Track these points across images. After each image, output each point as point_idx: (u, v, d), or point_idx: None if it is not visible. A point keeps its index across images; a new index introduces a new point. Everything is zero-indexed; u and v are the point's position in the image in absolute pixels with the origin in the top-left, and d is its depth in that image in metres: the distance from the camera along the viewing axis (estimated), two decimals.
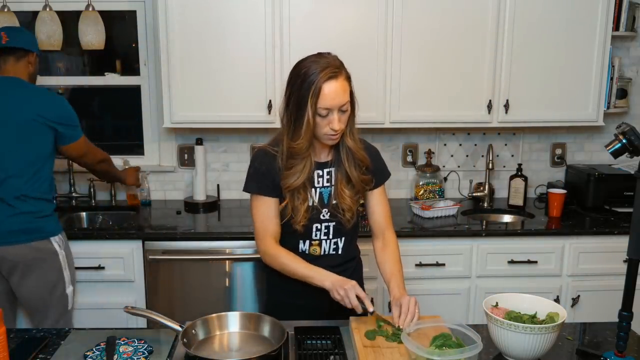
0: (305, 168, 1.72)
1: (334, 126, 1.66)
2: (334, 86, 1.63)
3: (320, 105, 1.63)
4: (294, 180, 1.71)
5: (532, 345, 1.46)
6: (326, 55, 1.71)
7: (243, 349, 1.57)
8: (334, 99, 1.64)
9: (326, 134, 1.69)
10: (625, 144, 1.48)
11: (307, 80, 1.63)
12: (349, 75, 1.72)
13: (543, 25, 2.89)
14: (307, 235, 1.79)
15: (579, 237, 2.79)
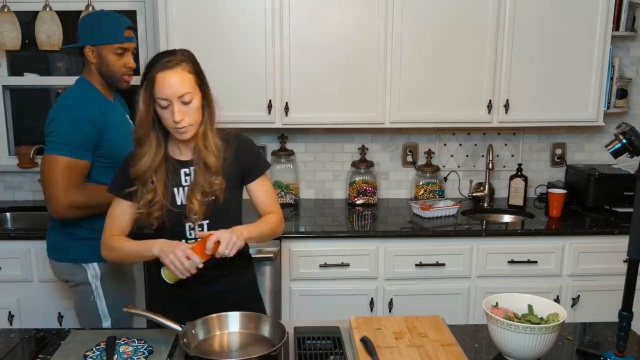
0: (150, 154, 1.70)
1: (175, 117, 1.64)
2: (168, 76, 1.63)
3: (157, 95, 1.64)
4: (137, 167, 1.71)
5: (532, 345, 1.47)
6: (177, 49, 1.72)
7: (243, 349, 1.57)
8: (170, 89, 1.63)
9: (171, 127, 1.68)
10: (625, 144, 1.48)
11: (146, 71, 1.67)
12: (197, 70, 1.70)
13: (543, 25, 2.89)
14: (180, 234, 1.76)
15: (579, 237, 2.79)
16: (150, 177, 1.72)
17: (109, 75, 2.18)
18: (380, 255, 2.74)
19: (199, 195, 1.72)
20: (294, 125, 2.96)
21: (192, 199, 1.72)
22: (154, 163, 1.71)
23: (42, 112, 3.46)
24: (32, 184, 3.26)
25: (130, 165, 1.74)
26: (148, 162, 1.70)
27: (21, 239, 2.69)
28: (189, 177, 1.76)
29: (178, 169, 1.76)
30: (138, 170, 1.71)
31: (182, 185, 1.76)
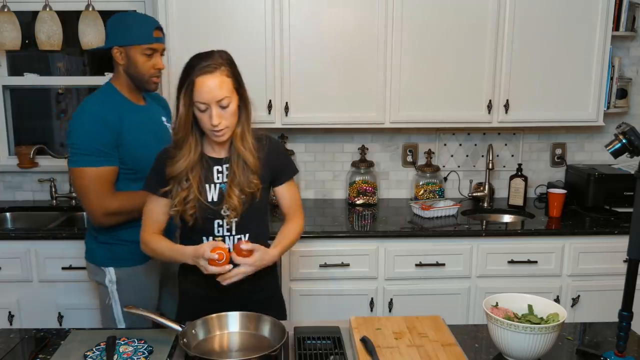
0: (188, 157, 1.73)
1: (213, 121, 1.67)
2: (207, 80, 1.65)
3: (196, 99, 1.66)
4: (174, 168, 1.74)
5: (532, 345, 1.47)
6: (215, 51, 1.74)
7: (243, 349, 1.57)
8: (208, 93, 1.65)
9: (208, 130, 1.71)
10: (625, 144, 1.48)
11: (185, 75, 1.69)
12: (235, 73, 1.73)
13: (543, 25, 2.89)
14: (209, 231, 1.79)
15: (579, 237, 2.79)
16: (186, 175, 1.75)
17: (137, 76, 2.13)
18: (380, 255, 2.74)
19: (237, 191, 1.75)
20: (294, 125, 2.96)
21: (232, 194, 1.75)
22: (190, 163, 1.74)
23: (42, 112, 3.49)
24: (32, 184, 3.27)
25: (167, 165, 1.76)
26: (185, 163, 1.73)
27: (21, 239, 2.69)
28: (221, 174, 1.79)
29: (211, 165, 1.79)
30: (174, 172, 1.74)
31: (215, 182, 1.78)
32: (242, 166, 1.76)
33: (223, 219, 1.79)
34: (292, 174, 1.93)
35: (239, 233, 1.81)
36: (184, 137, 1.73)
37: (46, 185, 3.24)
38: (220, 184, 1.78)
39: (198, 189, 1.75)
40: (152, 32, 2.12)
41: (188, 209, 1.74)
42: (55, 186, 3.21)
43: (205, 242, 1.75)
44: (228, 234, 1.81)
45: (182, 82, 1.69)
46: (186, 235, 1.85)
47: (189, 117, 1.70)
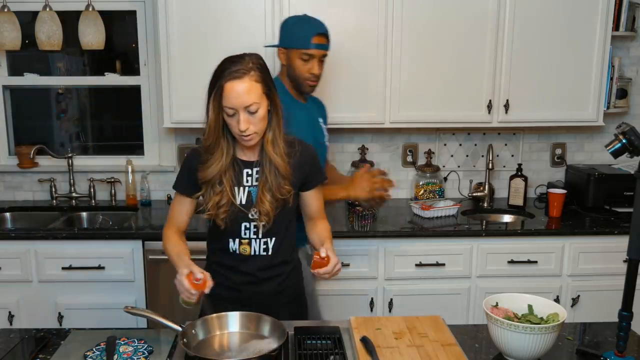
0: (220, 162, 1.73)
1: (240, 126, 1.66)
2: (236, 86, 1.64)
3: (225, 104, 1.66)
4: (206, 173, 1.74)
5: (532, 345, 1.47)
6: (246, 55, 1.71)
7: (243, 349, 1.57)
8: (237, 99, 1.64)
9: (237, 134, 1.70)
10: (625, 144, 1.48)
11: (215, 79, 1.68)
12: (266, 78, 1.70)
13: (543, 25, 2.89)
14: (235, 233, 1.80)
15: (579, 237, 2.79)
16: (219, 179, 1.75)
17: (294, 78, 2.22)
18: (380, 255, 2.74)
19: (269, 196, 1.74)
20: None
21: (263, 199, 1.74)
22: (223, 167, 1.74)
23: (42, 112, 3.49)
24: (32, 184, 3.27)
25: (197, 168, 1.76)
26: (217, 168, 1.73)
27: (21, 239, 2.69)
28: (250, 177, 1.78)
29: (242, 168, 1.78)
30: (207, 177, 1.74)
31: (244, 185, 1.78)
32: (274, 171, 1.75)
33: (250, 222, 1.78)
34: (322, 180, 1.92)
35: (266, 237, 1.81)
36: (215, 141, 1.73)
37: (46, 185, 3.25)
38: (249, 187, 1.78)
39: (231, 192, 1.75)
40: (312, 38, 2.18)
41: (220, 213, 1.74)
42: (55, 186, 3.21)
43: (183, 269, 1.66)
44: (255, 237, 1.80)
45: (212, 87, 1.68)
46: (214, 236, 1.86)
47: (218, 122, 1.70)
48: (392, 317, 1.77)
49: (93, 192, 3.22)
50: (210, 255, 1.93)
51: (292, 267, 1.93)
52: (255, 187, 1.77)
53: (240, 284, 1.81)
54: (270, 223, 1.77)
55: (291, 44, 2.21)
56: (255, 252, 1.81)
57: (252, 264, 1.82)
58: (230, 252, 1.82)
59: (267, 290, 1.84)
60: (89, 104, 3.55)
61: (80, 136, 3.54)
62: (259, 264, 1.82)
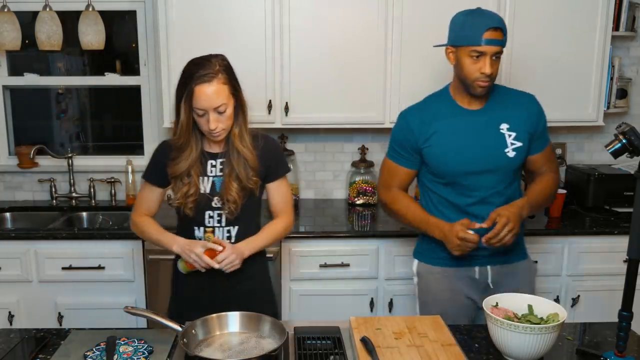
0: (189, 158, 1.83)
1: (210, 125, 1.77)
2: (205, 89, 1.73)
3: (195, 106, 1.76)
4: (176, 169, 1.85)
5: (532, 345, 1.47)
6: (212, 57, 1.80)
7: (243, 349, 1.57)
8: (207, 101, 1.74)
9: (206, 132, 1.81)
10: (625, 144, 1.48)
11: (184, 83, 1.77)
12: (231, 78, 1.80)
13: (543, 25, 2.89)
14: (200, 221, 1.89)
15: (579, 237, 2.79)
16: (188, 172, 1.84)
17: (462, 78, 2.01)
18: (380, 255, 2.74)
19: (236, 184, 1.84)
20: (294, 125, 2.96)
21: (230, 187, 1.84)
22: (192, 162, 1.84)
23: (42, 112, 3.49)
24: (32, 184, 3.27)
25: (167, 162, 1.86)
26: (187, 164, 1.84)
27: (21, 239, 2.69)
28: (214, 168, 1.88)
29: (207, 159, 1.88)
30: (176, 172, 1.85)
31: (207, 174, 1.88)
32: (243, 163, 1.85)
33: (214, 210, 1.87)
34: (285, 172, 2.00)
35: (229, 225, 1.89)
36: (186, 141, 1.83)
37: (46, 185, 3.25)
38: (213, 177, 1.87)
39: (198, 183, 1.85)
40: (483, 33, 1.92)
41: (189, 202, 1.84)
42: (55, 186, 3.21)
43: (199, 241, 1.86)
44: (218, 225, 1.89)
45: (181, 90, 1.77)
46: (181, 225, 1.96)
47: (189, 123, 1.80)
48: (392, 317, 1.77)
49: (93, 192, 3.22)
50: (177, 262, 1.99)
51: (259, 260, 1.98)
52: (218, 177, 1.87)
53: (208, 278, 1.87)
54: (238, 211, 1.86)
55: (459, 41, 1.98)
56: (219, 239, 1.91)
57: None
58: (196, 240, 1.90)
59: (232, 278, 1.88)
60: (89, 104, 3.55)
61: (80, 136, 3.54)
62: None
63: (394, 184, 2.18)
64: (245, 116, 1.86)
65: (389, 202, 2.20)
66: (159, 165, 1.90)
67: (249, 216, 1.92)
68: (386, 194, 2.20)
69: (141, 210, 1.99)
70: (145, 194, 1.99)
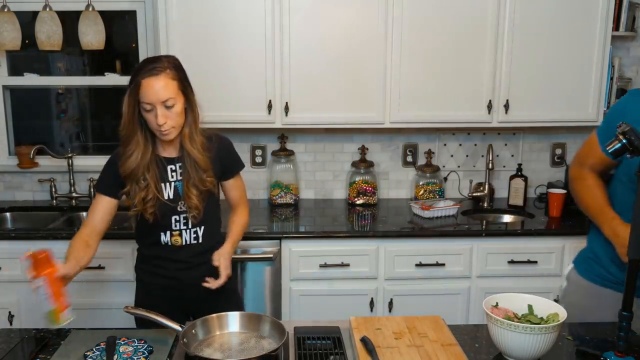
0: (138, 155, 1.82)
1: (158, 120, 1.76)
2: (152, 82, 1.74)
3: (142, 99, 1.75)
4: (126, 165, 1.83)
5: (532, 345, 1.46)
6: (163, 56, 1.84)
7: (243, 349, 1.57)
8: (154, 94, 1.74)
9: (155, 129, 1.80)
10: (625, 144, 1.47)
11: (133, 76, 1.78)
12: (181, 76, 1.82)
13: (543, 25, 2.89)
14: (166, 226, 1.90)
15: (579, 237, 2.78)
16: (142, 174, 1.84)
17: None
18: (380, 255, 2.74)
19: (194, 190, 1.86)
20: (294, 125, 2.96)
21: (190, 194, 1.86)
22: (143, 161, 1.84)
23: (42, 112, 3.49)
24: (32, 184, 3.27)
25: (118, 165, 1.85)
26: (137, 160, 1.83)
27: (21, 239, 2.69)
28: (175, 172, 1.89)
29: (165, 165, 1.89)
30: (128, 168, 1.84)
31: (169, 180, 1.89)
32: (194, 165, 1.87)
33: (180, 214, 1.90)
34: (240, 169, 2.06)
35: (196, 226, 1.93)
36: (129, 134, 1.82)
37: (46, 185, 3.25)
38: (175, 182, 1.89)
39: (156, 187, 1.85)
40: None
41: (148, 208, 1.84)
42: (55, 186, 3.21)
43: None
44: (185, 227, 1.91)
45: (130, 83, 1.78)
46: (143, 231, 1.95)
47: (133, 115, 1.80)
48: (392, 317, 1.77)
49: (93, 192, 3.22)
50: (142, 249, 2.02)
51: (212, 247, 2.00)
52: (180, 181, 1.88)
53: (174, 270, 1.93)
54: (201, 215, 1.89)
55: None
56: (187, 241, 1.93)
57: (184, 252, 1.93)
58: (162, 244, 1.93)
59: (199, 274, 1.90)
60: (89, 104, 3.55)
61: (80, 136, 3.54)
62: (191, 252, 1.94)
63: (587, 163, 1.90)
64: (195, 117, 1.87)
65: (574, 178, 1.95)
66: (112, 172, 1.89)
67: (212, 215, 1.98)
68: (575, 170, 1.95)
69: (87, 225, 1.89)
70: (95, 206, 1.90)
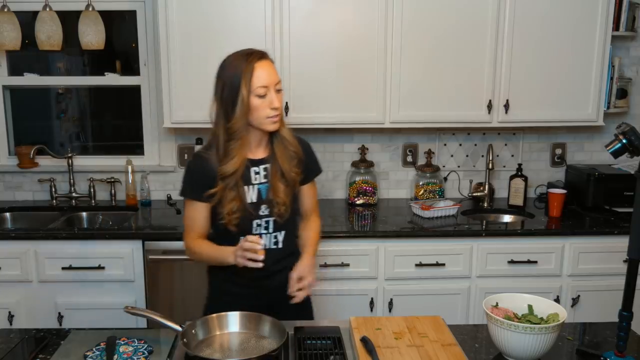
0: (241, 155, 1.76)
1: (274, 104, 1.72)
2: (265, 65, 1.74)
3: (257, 84, 1.71)
4: (230, 167, 1.75)
5: (532, 345, 1.47)
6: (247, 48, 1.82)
7: (243, 349, 1.57)
8: (269, 76, 1.73)
9: (268, 117, 1.75)
10: (625, 144, 1.48)
11: (239, 66, 1.73)
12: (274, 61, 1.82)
13: (543, 25, 2.89)
14: (247, 231, 1.82)
15: (579, 237, 2.79)
16: (236, 182, 1.76)
17: None
18: (380, 255, 2.74)
19: (282, 185, 1.80)
20: (293, 125, 2.92)
21: (277, 189, 1.80)
22: (243, 164, 1.77)
23: (42, 112, 3.49)
24: (32, 184, 3.27)
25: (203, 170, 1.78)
26: (238, 163, 1.75)
27: (21, 239, 2.69)
28: (258, 175, 1.82)
29: (249, 167, 1.81)
30: (228, 171, 1.75)
31: (252, 183, 1.82)
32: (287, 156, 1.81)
33: (262, 218, 1.82)
34: (319, 172, 1.99)
35: (276, 231, 1.85)
36: (239, 129, 1.73)
37: (46, 185, 3.25)
38: (258, 185, 1.82)
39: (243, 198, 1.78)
40: None
41: (233, 219, 1.78)
42: (55, 186, 3.21)
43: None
44: (265, 231, 1.84)
45: (237, 74, 1.71)
46: (222, 237, 1.84)
47: (250, 106, 1.72)
48: (392, 317, 1.77)
49: (93, 192, 3.22)
50: None
51: (298, 256, 1.94)
52: (263, 184, 1.81)
53: (251, 279, 1.82)
54: (288, 212, 1.82)
55: None
56: (266, 246, 1.84)
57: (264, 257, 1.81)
58: None
59: (277, 282, 1.85)
60: (89, 104, 3.55)
61: (80, 136, 3.54)
62: (270, 257, 1.82)
63: None
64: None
65: None
66: (196, 176, 1.82)
67: (292, 220, 1.90)
68: None
69: (191, 232, 1.85)
70: (190, 214, 1.85)
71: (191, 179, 1.84)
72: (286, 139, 1.83)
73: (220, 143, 1.77)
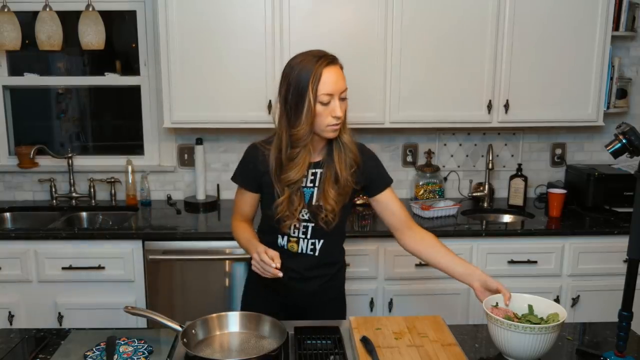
0: (305, 162, 1.72)
1: (337, 113, 1.66)
2: (333, 71, 1.66)
3: (322, 91, 1.64)
4: (294, 173, 1.71)
5: (532, 345, 1.47)
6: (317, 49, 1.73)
7: (243, 349, 1.57)
8: (335, 84, 1.66)
9: (329, 125, 1.68)
10: (625, 144, 1.48)
11: (306, 69, 1.64)
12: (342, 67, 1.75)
13: (543, 25, 2.89)
14: (285, 232, 1.81)
15: (579, 237, 2.79)
16: (298, 190, 1.74)
17: None
18: (380, 255, 2.74)
19: (333, 191, 1.73)
20: None
21: (328, 194, 1.73)
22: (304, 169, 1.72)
23: (42, 112, 3.49)
24: (32, 184, 3.27)
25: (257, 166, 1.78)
26: (303, 170, 1.71)
27: (21, 239, 2.69)
28: (305, 178, 1.77)
29: None
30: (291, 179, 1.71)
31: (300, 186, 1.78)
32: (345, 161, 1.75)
33: (301, 222, 1.79)
34: (389, 183, 1.86)
35: (314, 238, 1.82)
36: (307, 134, 1.67)
37: (46, 185, 3.25)
38: (303, 188, 1.78)
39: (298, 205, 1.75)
40: None
41: (286, 226, 1.77)
42: (55, 186, 3.21)
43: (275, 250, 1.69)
44: (303, 236, 1.81)
45: (304, 78, 1.63)
46: (264, 229, 1.88)
47: (315, 112, 1.65)
48: (392, 317, 1.77)
49: (93, 192, 3.22)
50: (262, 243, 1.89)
51: (338, 268, 1.94)
52: (309, 188, 1.78)
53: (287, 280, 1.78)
54: (335, 221, 1.76)
55: None
56: (302, 250, 1.83)
57: (299, 261, 1.83)
58: (278, 246, 1.83)
59: (309, 288, 1.85)
60: (89, 104, 3.55)
61: (80, 136, 3.54)
62: (305, 262, 1.83)
63: None
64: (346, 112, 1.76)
65: None
66: (249, 167, 1.82)
67: (339, 231, 1.85)
68: None
69: (237, 214, 1.91)
70: (237, 198, 1.90)
71: (243, 167, 1.85)
72: (346, 145, 1.75)
73: (284, 146, 1.72)
